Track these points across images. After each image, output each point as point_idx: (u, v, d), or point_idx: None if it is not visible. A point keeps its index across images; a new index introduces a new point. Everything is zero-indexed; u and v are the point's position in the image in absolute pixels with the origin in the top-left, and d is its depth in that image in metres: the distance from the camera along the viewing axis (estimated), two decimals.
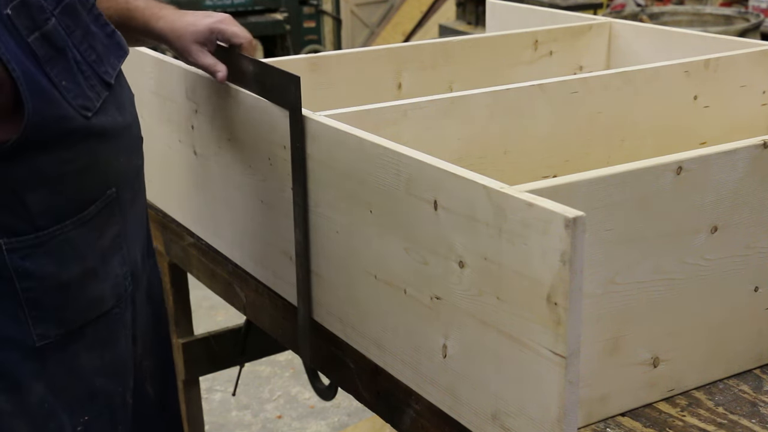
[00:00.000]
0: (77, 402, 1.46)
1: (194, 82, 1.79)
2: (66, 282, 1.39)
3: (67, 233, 1.37)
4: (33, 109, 1.26)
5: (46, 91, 1.29)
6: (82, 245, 1.40)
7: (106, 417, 1.51)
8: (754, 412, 1.30)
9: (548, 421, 1.11)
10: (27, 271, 1.35)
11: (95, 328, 1.45)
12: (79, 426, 1.46)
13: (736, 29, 4.32)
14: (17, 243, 1.33)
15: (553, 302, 1.06)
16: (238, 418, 3.49)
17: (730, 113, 1.94)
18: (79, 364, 1.45)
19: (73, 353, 1.43)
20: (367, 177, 1.34)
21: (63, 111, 1.30)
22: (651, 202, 1.23)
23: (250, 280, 1.78)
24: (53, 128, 1.30)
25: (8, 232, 1.32)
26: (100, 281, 1.44)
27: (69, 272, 1.39)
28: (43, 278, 1.37)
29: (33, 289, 1.36)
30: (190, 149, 1.87)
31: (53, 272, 1.37)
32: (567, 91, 1.75)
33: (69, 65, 1.33)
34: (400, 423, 1.42)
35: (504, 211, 1.11)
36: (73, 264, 1.39)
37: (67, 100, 1.31)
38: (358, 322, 1.46)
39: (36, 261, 1.35)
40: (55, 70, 1.31)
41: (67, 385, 1.44)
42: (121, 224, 1.47)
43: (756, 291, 1.38)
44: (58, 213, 1.36)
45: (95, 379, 1.48)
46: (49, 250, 1.36)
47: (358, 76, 2.06)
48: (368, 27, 8.57)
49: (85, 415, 1.47)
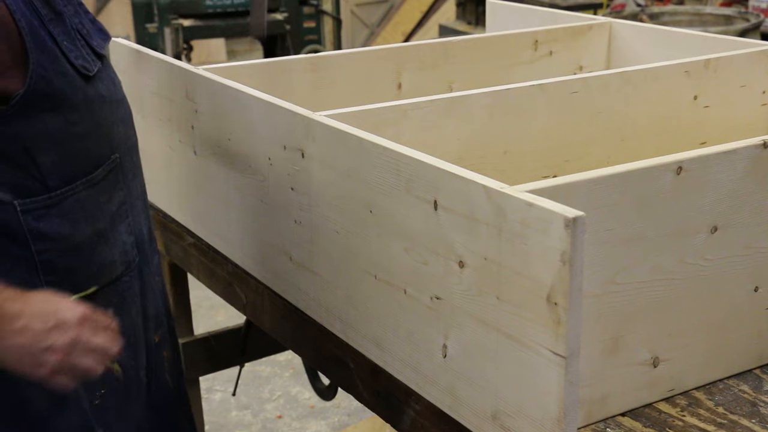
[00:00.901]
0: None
1: (194, 82, 1.79)
2: (79, 244, 1.42)
3: (78, 194, 1.41)
4: (37, 61, 1.32)
5: (48, 46, 1.35)
6: (92, 207, 1.44)
7: (121, 390, 1.53)
8: (754, 412, 1.30)
9: (548, 421, 1.11)
10: (41, 233, 1.38)
11: (106, 295, 1.48)
12: (96, 400, 1.49)
13: (736, 29, 4.32)
14: (31, 204, 1.37)
15: (553, 302, 1.06)
16: (238, 418, 3.49)
17: (730, 113, 1.94)
18: None
19: None
20: (367, 177, 1.34)
21: (65, 68, 1.36)
22: (651, 202, 1.23)
23: (250, 280, 1.78)
24: (57, 84, 1.35)
25: (21, 193, 1.36)
26: (110, 246, 1.48)
27: (81, 234, 1.42)
28: (57, 240, 1.39)
29: (47, 251, 1.39)
30: (190, 149, 1.87)
31: (67, 234, 1.40)
32: (567, 91, 1.75)
33: (67, 29, 1.40)
34: (400, 423, 1.42)
35: (504, 211, 1.11)
36: (85, 225, 1.43)
37: (68, 58, 1.38)
38: (358, 322, 1.46)
39: (50, 222, 1.38)
40: (56, 30, 1.37)
41: None
42: (125, 192, 1.51)
43: (756, 291, 1.38)
44: (68, 174, 1.40)
45: None
46: (61, 211, 1.39)
47: (358, 76, 2.06)
48: (368, 27, 8.57)
49: (102, 388, 1.49)
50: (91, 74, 1.42)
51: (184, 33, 6.65)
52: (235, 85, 1.67)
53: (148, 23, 6.84)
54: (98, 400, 1.49)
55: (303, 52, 7.21)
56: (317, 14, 7.56)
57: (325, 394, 2.46)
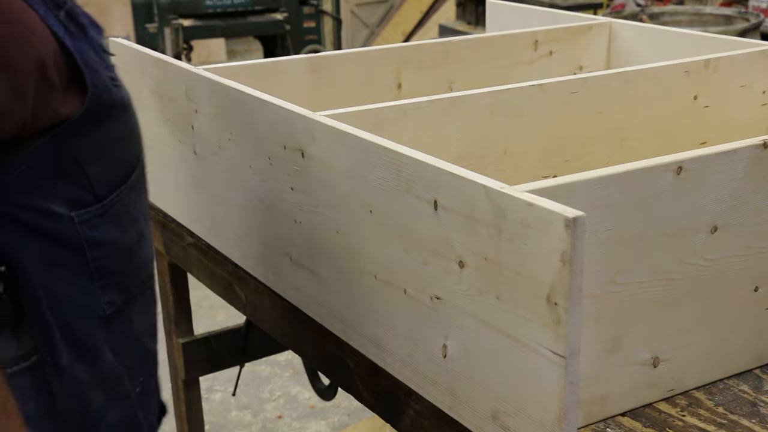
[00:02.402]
0: (133, 364, 1.55)
1: (194, 82, 1.79)
2: (127, 246, 1.50)
3: (122, 199, 1.48)
4: (91, 82, 1.37)
5: (91, 64, 1.40)
6: (133, 209, 1.51)
7: (154, 376, 1.62)
8: (754, 412, 1.30)
9: (548, 421, 1.11)
10: (96, 241, 1.45)
11: (143, 291, 1.56)
12: (137, 387, 1.56)
13: (736, 29, 4.32)
14: (86, 215, 1.43)
15: (553, 302, 1.06)
16: (238, 418, 3.50)
17: (730, 113, 1.94)
18: (134, 328, 1.55)
19: (129, 318, 1.53)
20: (367, 177, 1.34)
21: (104, 81, 1.41)
22: (651, 202, 1.23)
23: (250, 280, 1.78)
24: (103, 99, 1.41)
25: (77, 205, 1.42)
26: (147, 243, 1.56)
27: (129, 237, 1.50)
28: (109, 245, 1.46)
29: (101, 257, 1.46)
30: (190, 149, 1.87)
31: (118, 238, 1.48)
32: (567, 91, 1.75)
33: (91, 42, 1.44)
34: (400, 423, 1.42)
35: (504, 211, 1.11)
36: (131, 228, 1.50)
37: (100, 71, 1.42)
38: (358, 322, 1.46)
39: (103, 229, 1.45)
40: (83, 45, 1.41)
41: (126, 348, 1.53)
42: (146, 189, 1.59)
43: (756, 291, 1.38)
44: (112, 181, 1.46)
45: (145, 341, 1.58)
46: (111, 217, 1.46)
47: (358, 76, 2.06)
48: (368, 27, 8.58)
49: (141, 376, 1.57)
50: (118, 84, 1.47)
51: (184, 33, 6.65)
52: (235, 85, 1.67)
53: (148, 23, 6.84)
54: (139, 387, 1.57)
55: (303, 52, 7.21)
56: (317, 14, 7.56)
57: (325, 394, 2.46)
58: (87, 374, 1.47)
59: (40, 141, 1.36)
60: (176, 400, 2.39)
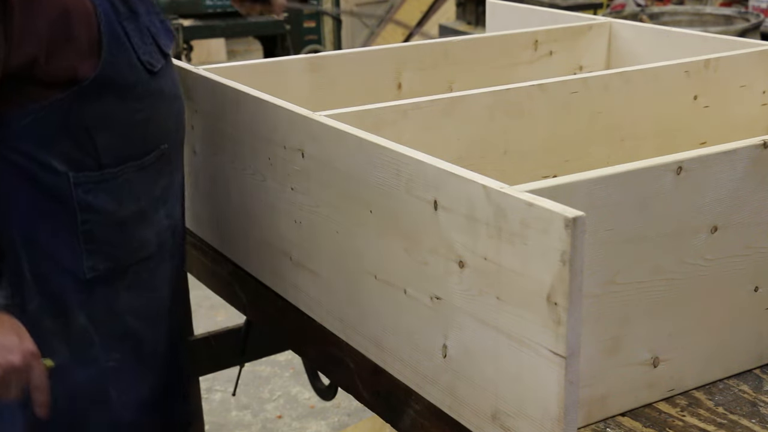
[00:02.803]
0: (112, 338, 1.61)
1: (194, 82, 1.79)
2: (121, 220, 1.56)
3: (127, 174, 1.55)
4: (109, 51, 1.47)
5: (121, 39, 1.50)
6: (138, 188, 1.57)
7: (134, 359, 1.65)
8: (754, 412, 1.30)
9: (548, 421, 1.11)
10: (89, 205, 1.52)
11: (137, 270, 1.61)
12: (111, 361, 1.61)
13: (736, 29, 4.32)
14: (83, 178, 1.51)
15: (553, 302, 1.06)
16: (238, 418, 3.49)
17: (730, 113, 1.94)
18: (119, 302, 1.60)
19: (115, 290, 1.59)
20: (367, 177, 1.34)
21: (132, 61, 1.51)
22: (651, 202, 1.23)
23: (250, 280, 1.78)
24: (124, 74, 1.50)
25: (77, 167, 1.50)
26: (149, 225, 1.61)
27: (125, 211, 1.56)
28: (101, 213, 1.53)
29: (90, 222, 1.53)
30: (190, 149, 1.87)
31: (111, 210, 1.54)
32: (567, 91, 1.75)
33: (140, 27, 1.55)
34: (400, 423, 1.42)
35: (504, 211, 1.11)
36: (129, 204, 1.56)
37: (137, 53, 1.52)
38: (358, 322, 1.46)
39: (98, 196, 1.52)
40: (129, 27, 1.52)
41: (106, 319, 1.59)
42: (169, 180, 1.65)
43: (756, 291, 1.38)
44: (122, 156, 1.54)
45: (129, 319, 1.62)
46: (110, 188, 1.53)
47: (358, 76, 2.06)
48: (368, 27, 8.57)
49: (118, 352, 1.62)
50: (155, 70, 1.55)
51: (184, 33, 6.65)
52: (235, 85, 1.67)
53: None
54: (113, 362, 1.61)
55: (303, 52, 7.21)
56: (317, 14, 7.56)
57: (325, 394, 2.45)
58: (52, 323, 1.54)
59: (54, 96, 1.44)
60: None
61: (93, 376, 1.60)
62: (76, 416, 1.61)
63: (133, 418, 1.66)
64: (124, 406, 1.64)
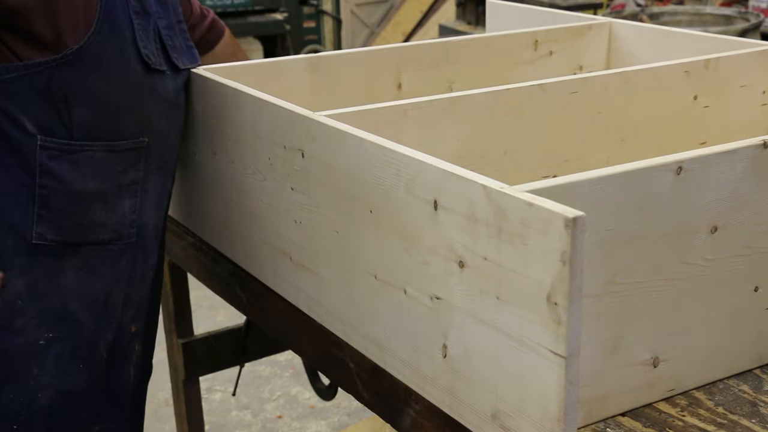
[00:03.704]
0: (48, 314, 1.61)
1: (194, 82, 1.79)
2: (77, 193, 1.58)
3: (95, 152, 1.58)
4: (100, 28, 1.52)
5: (120, 24, 1.55)
6: (103, 168, 1.60)
7: (69, 344, 1.63)
8: (754, 412, 1.30)
9: (548, 421, 1.11)
10: (49, 170, 1.55)
11: (88, 253, 1.62)
12: (41, 340, 1.61)
13: (736, 29, 4.32)
14: (51, 143, 1.54)
15: (553, 302, 1.06)
16: (238, 418, 3.50)
17: (730, 113, 1.94)
18: (63, 280, 1.61)
19: (61, 267, 1.60)
20: (367, 177, 1.34)
21: (127, 48, 1.55)
22: (651, 202, 1.23)
23: (250, 280, 1.78)
24: (113, 57, 1.55)
25: (47, 132, 1.54)
26: (108, 209, 1.62)
27: (82, 186, 1.58)
28: (59, 181, 1.56)
29: (48, 188, 1.56)
30: (190, 149, 1.87)
31: (70, 179, 1.57)
32: (567, 91, 1.75)
33: (149, 27, 1.61)
34: (400, 423, 1.42)
35: (504, 211, 1.11)
36: (89, 181, 1.59)
37: (137, 42, 1.57)
38: (358, 322, 1.46)
39: (60, 164, 1.56)
40: (137, 21, 1.58)
41: (46, 294, 1.60)
42: (142, 177, 1.66)
43: (756, 291, 1.38)
44: (94, 132, 1.57)
45: (72, 302, 1.62)
46: (74, 159, 1.56)
47: (358, 76, 2.06)
48: (368, 27, 8.57)
49: (51, 332, 1.62)
50: (151, 65, 1.59)
51: None
52: (235, 85, 1.67)
53: None
54: (43, 341, 1.61)
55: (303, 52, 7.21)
56: (317, 14, 7.56)
57: (325, 394, 2.46)
58: None
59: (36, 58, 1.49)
60: (176, 400, 2.38)
61: (16, 348, 1.59)
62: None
63: (48, 404, 1.62)
64: (41, 388, 1.61)
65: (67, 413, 1.65)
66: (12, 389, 1.60)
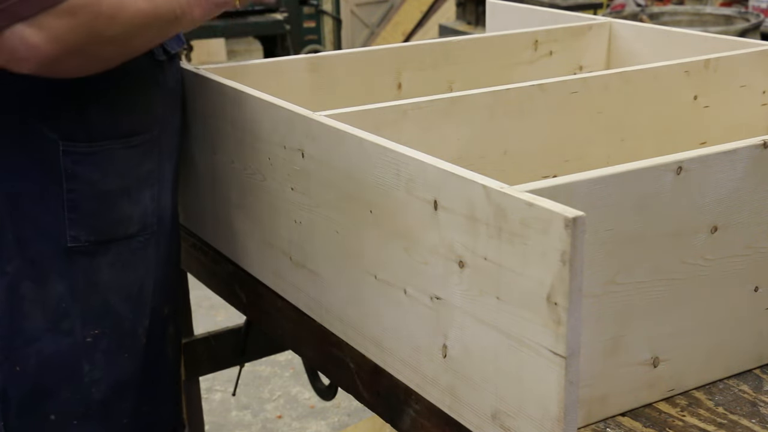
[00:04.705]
0: (91, 312, 1.63)
1: (194, 82, 1.79)
2: (104, 192, 1.60)
3: (115, 150, 1.60)
4: None
5: None
6: (123, 165, 1.62)
7: (114, 337, 1.67)
8: (754, 412, 1.30)
9: (548, 421, 1.11)
10: (75, 174, 1.57)
11: (119, 248, 1.65)
12: (88, 337, 1.64)
13: (736, 29, 4.33)
14: (72, 148, 1.56)
15: (553, 302, 1.06)
16: (238, 418, 3.50)
17: (730, 113, 1.94)
18: (100, 278, 1.63)
19: (97, 266, 1.62)
20: (367, 177, 1.34)
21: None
22: (651, 202, 1.23)
23: (250, 280, 1.78)
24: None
25: (67, 138, 1.55)
26: (132, 203, 1.65)
27: (108, 184, 1.61)
28: (86, 183, 1.58)
29: (76, 192, 1.58)
30: (189, 149, 1.87)
31: (95, 180, 1.59)
32: (567, 91, 1.75)
33: None
34: (400, 423, 1.42)
35: (504, 211, 1.11)
36: (114, 178, 1.61)
37: None
38: (358, 322, 1.46)
39: (84, 167, 1.57)
40: None
41: (86, 293, 1.62)
42: (156, 165, 1.68)
43: (756, 291, 1.38)
44: (111, 131, 1.59)
45: (111, 296, 1.65)
46: (96, 160, 1.58)
47: (358, 76, 2.06)
48: (368, 27, 8.57)
49: (96, 328, 1.64)
50: (154, 57, 1.62)
51: (185, 33, 6.64)
52: (235, 85, 1.67)
53: None
54: (90, 338, 1.63)
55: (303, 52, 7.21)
56: (317, 14, 7.57)
57: (325, 394, 2.46)
58: (29, 290, 1.58)
59: None
60: None
61: (67, 348, 1.62)
62: (43, 386, 1.63)
63: (102, 397, 1.67)
64: (95, 383, 1.66)
65: (119, 402, 1.70)
66: (69, 388, 1.64)
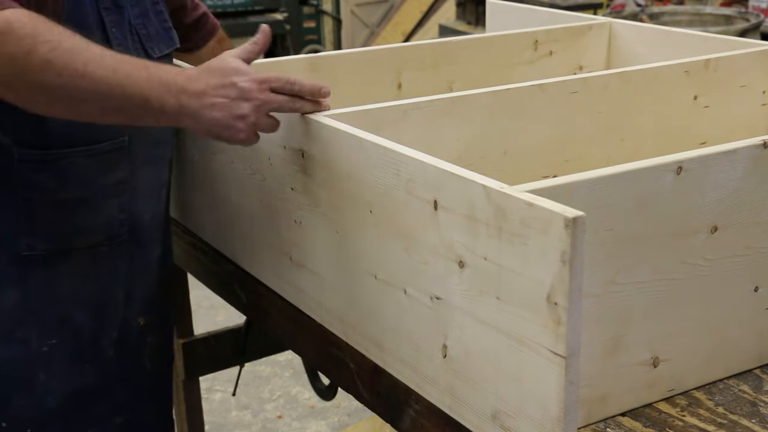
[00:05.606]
0: (48, 322, 1.60)
1: None
2: (61, 201, 1.55)
3: (74, 158, 1.54)
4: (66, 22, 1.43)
5: (88, 22, 1.49)
6: (85, 174, 1.56)
7: (72, 348, 1.64)
8: (754, 412, 1.30)
9: (548, 421, 1.11)
10: (30, 183, 1.52)
11: (79, 258, 1.60)
12: (45, 347, 1.61)
13: (736, 29, 4.33)
14: (29, 155, 1.51)
15: (553, 302, 1.06)
16: (238, 418, 3.50)
17: (730, 113, 1.93)
18: (59, 287, 1.60)
19: (55, 275, 1.59)
20: (367, 177, 1.34)
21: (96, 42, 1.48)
22: (651, 202, 1.23)
23: (250, 280, 1.78)
24: None
25: (24, 145, 1.51)
26: (94, 212, 1.59)
27: (66, 193, 1.55)
28: (41, 192, 1.53)
29: (31, 200, 1.53)
30: (189, 149, 1.87)
31: (52, 188, 1.54)
32: (567, 91, 1.75)
33: (123, 21, 1.55)
34: (400, 423, 1.42)
35: (504, 211, 1.11)
36: (72, 188, 1.56)
37: (109, 39, 1.52)
38: (358, 322, 1.46)
39: (40, 175, 1.52)
40: (109, 18, 1.52)
41: (43, 302, 1.59)
42: (128, 175, 1.62)
43: (756, 291, 1.38)
44: (72, 139, 1.53)
45: (68, 306, 1.62)
46: (54, 168, 1.53)
47: (358, 76, 2.06)
48: (368, 27, 8.57)
49: (54, 338, 1.61)
50: None
51: None
52: None
53: None
54: (47, 348, 1.61)
55: (303, 52, 7.21)
56: (317, 14, 7.57)
57: (325, 394, 2.46)
58: None
59: None
60: (176, 400, 2.38)
61: (20, 357, 1.60)
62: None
63: (57, 405, 1.64)
64: (49, 392, 1.63)
65: (78, 411, 1.67)
66: (22, 396, 1.61)
